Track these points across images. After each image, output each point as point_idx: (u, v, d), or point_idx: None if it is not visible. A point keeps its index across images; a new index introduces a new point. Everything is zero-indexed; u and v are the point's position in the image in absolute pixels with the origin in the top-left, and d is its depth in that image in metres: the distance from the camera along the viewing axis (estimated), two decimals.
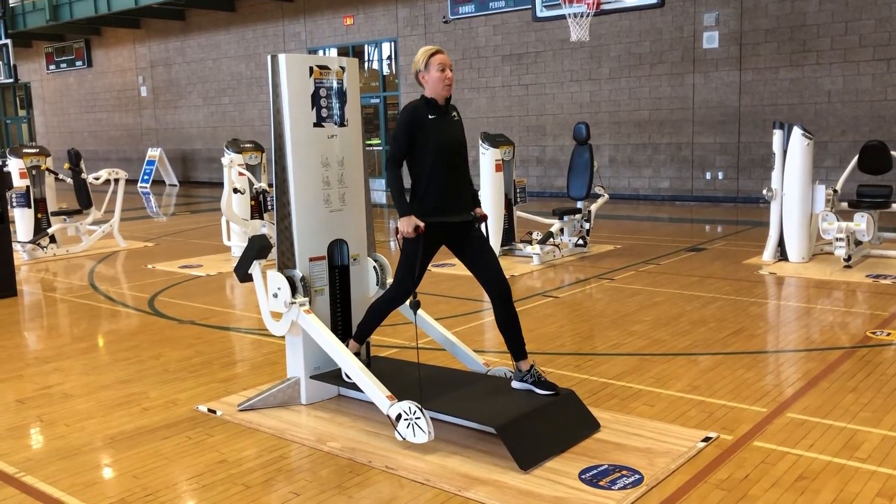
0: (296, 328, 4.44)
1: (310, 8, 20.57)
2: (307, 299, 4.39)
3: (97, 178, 10.96)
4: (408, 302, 4.27)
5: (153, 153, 23.69)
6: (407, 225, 4.00)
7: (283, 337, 4.60)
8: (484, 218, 4.28)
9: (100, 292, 8.13)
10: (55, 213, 10.83)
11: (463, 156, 4.20)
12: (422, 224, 4.00)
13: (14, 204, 10.25)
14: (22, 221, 10.50)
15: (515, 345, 4.16)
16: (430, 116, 4.07)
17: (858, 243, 8.53)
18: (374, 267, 4.80)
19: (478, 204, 4.32)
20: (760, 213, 12.72)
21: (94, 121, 27.67)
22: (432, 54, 4.09)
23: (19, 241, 10.25)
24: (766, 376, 4.89)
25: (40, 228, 10.61)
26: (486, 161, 9.11)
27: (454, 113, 4.24)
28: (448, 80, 4.09)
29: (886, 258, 8.64)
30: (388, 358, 5.03)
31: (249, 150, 10.22)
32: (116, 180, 11.01)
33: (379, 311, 4.38)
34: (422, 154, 4.06)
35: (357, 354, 4.37)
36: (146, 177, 23.37)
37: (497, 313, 4.17)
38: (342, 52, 20.22)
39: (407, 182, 4.16)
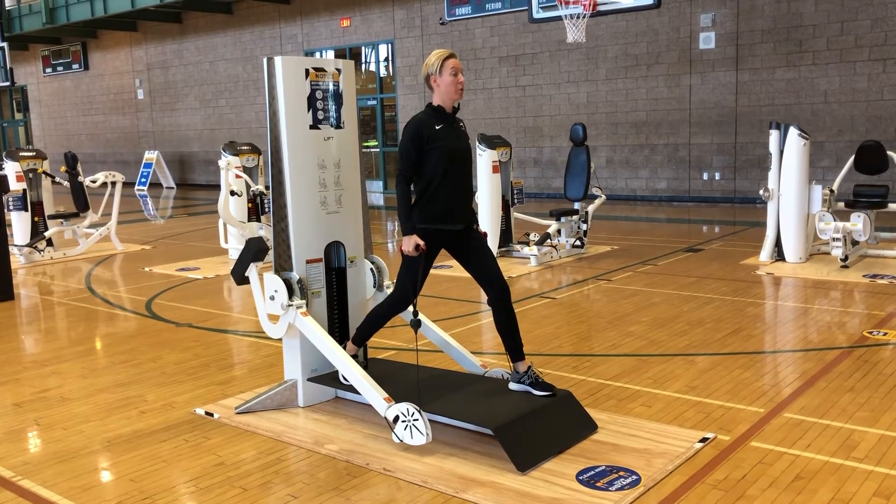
0: (293, 331, 4.44)
1: (306, 10, 20.58)
2: (304, 301, 4.39)
3: (94, 181, 10.94)
4: (409, 321, 4.26)
5: (150, 156, 23.69)
6: (408, 244, 4.03)
7: (280, 339, 4.60)
8: (484, 236, 4.30)
9: (97, 295, 8.12)
10: (52, 217, 10.81)
11: (468, 164, 4.22)
12: (422, 243, 4.02)
13: (11, 207, 10.24)
14: (19, 225, 10.49)
15: (513, 346, 4.17)
16: (436, 126, 4.08)
17: (855, 243, 8.54)
18: (372, 269, 4.80)
19: (476, 220, 4.34)
20: (757, 214, 12.73)
21: (91, 124, 27.65)
22: (446, 58, 4.09)
23: (16, 245, 10.24)
24: (764, 376, 4.89)
25: (37, 232, 10.60)
26: (484, 162, 9.12)
27: (461, 123, 4.27)
28: (460, 85, 4.11)
29: (883, 258, 8.65)
30: (385, 360, 5.04)
31: (246, 153, 10.21)
32: (113, 183, 11.00)
33: (380, 317, 4.38)
34: (429, 162, 4.06)
35: (354, 357, 4.38)
36: (143, 179, 23.37)
37: (496, 314, 4.17)
38: (339, 54, 20.22)
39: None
